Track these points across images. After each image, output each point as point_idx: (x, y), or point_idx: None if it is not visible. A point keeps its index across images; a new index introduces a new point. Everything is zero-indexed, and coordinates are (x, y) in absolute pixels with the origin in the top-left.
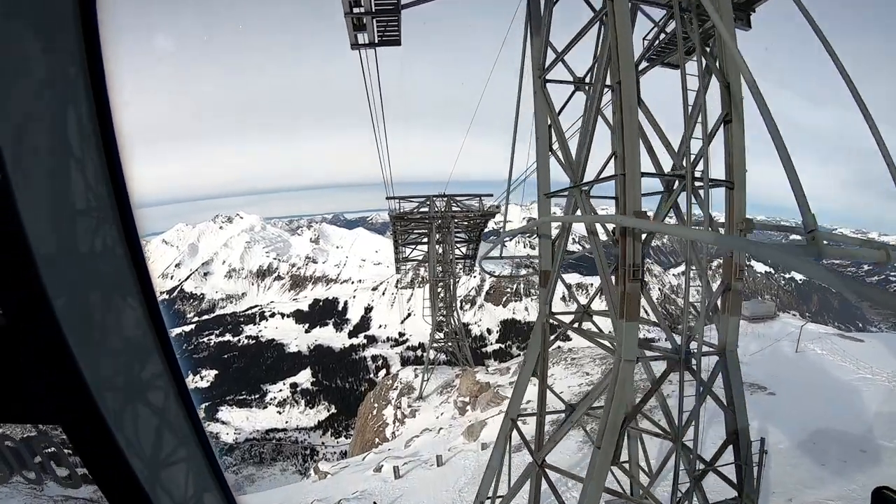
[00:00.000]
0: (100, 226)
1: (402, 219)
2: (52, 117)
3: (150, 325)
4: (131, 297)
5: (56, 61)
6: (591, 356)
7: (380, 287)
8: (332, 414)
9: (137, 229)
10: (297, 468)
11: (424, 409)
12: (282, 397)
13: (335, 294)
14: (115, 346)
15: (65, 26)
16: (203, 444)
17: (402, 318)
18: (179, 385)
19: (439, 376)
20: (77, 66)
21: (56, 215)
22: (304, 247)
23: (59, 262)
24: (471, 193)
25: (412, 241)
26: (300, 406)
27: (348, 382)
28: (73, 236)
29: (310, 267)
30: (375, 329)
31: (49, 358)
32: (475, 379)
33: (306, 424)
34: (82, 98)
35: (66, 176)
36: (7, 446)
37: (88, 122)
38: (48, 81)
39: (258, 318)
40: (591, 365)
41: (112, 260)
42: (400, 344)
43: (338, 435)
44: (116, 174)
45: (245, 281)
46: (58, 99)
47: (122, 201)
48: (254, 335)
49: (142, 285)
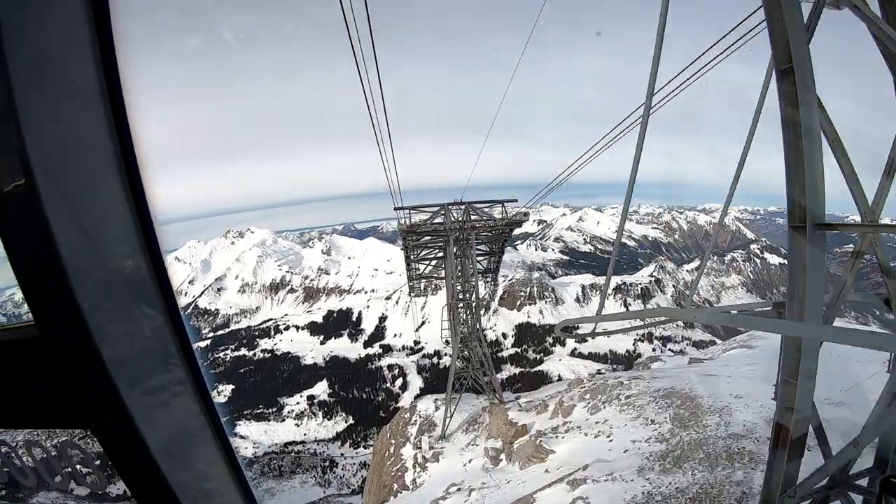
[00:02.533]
0: (124, 237)
1: (413, 232)
2: (75, 129)
3: (172, 332)
4: (154, 306)
5: (75, 71)
6: (649, 393)
7: (393, 296)
8: (350, 425)
9: (158, 239)
10: (317, 480)
11: (449, 452)
12: (299, 410)
13: (349, 304)
14: (140, 352)
15: (81, 35)
16: (225, 446)
17: (416, 327)
18: (202, 390)
19: (463, 408)
20: (94, 75)
21: (83, 226)
22: (315, 259)
23: (88, 273)
24: (492, 200)
25: (426, 256)
26: (318, 418)
27: (365, 393)
28: (99, 247)
29: (322, 278)
30: (390, 338)
31: (80, 365)
32: (507, 418)
33: (324, 436)
34: (100, 107)
35: (91, 187)
36: (39, 453)
37: (107, 131)
38: (70, 92)
39: (273, 332)
40: (653, 407)
41: (135, 269)
42: (416, 352)
43: (356, 446)
44: (136, 186)
45: (258, 295)
46: (79, 109)
47: (142, 212)
48: (269, 349)
49: (163, 294)
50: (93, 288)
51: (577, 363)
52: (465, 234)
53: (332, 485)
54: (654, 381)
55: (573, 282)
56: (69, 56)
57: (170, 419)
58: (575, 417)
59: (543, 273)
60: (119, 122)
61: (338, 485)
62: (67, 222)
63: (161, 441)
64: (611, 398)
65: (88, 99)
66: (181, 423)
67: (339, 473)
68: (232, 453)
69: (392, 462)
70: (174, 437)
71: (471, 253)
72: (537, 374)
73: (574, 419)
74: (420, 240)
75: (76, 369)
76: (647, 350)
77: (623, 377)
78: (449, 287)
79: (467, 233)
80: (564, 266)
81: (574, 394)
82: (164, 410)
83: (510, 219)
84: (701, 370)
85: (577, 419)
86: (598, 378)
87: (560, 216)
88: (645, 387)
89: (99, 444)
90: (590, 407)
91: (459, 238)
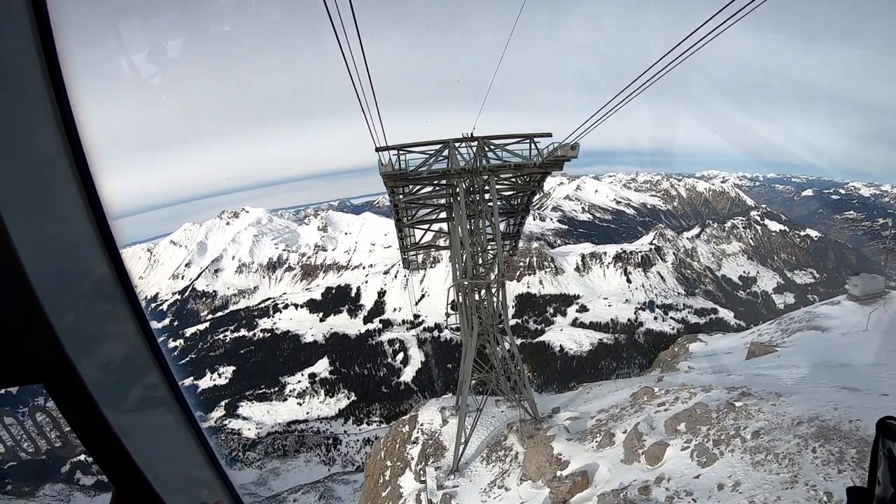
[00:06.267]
0: (69, 207)
1: (403, 179)
2: (15, 120)
3: (123, 297)
4: (100, 266)
5: (12, 61)
6: (789, 428)
7: (391, 270)
8: (352, 401)
9: (105, 207)
10: (322, 458)
11: (465, 495)
12: (301, 388)
13: (347, 281)
14: (90, 317)
15: (19, 20)
16: (183, 408)
17: (415, 300)
18: (157, 353)
19: (483, 424)
20: (36, 69)
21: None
22: (312, 235)
23: (34, 248)
24: (515, 134)
25: (424, 219)
26: (320, 396)
27: (366, 369)
28: (46, 220)
29: (320, 255)
30: (390, 313)
31: (29, 326)
32: (551, 453)
33: (327, 414)
34: (46, 101)
35: (41, 180)
36: None
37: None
38: (4, 84)
39: (272, 311)
40: (808, 458)
41: (83, 237)
42: (416, 326)
43: (359, 422)
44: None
45: (256, 275)
46: (20, 100)
47: (86, 182)
48: (268, 328)
49: (112, 257)
50: (36, 256)
51: (579, 333)
52: (480, 183)
53: (337, 462)
54: (784, 405)
55: (572, 251)
56: (8, 45)
57: (123, 378)
58: (673, 468)
59: (542, 243)
60: (65, 117)
61: (342, 462)
62: (12, 199)
63: (110, 397)
64: (727, 435)
65: (24, 79)
66: (136, 384)
67: (342, 451)
68: (190, 413)
69: (388, 494)
70: (129, 396)
71: (489, 207)
72: (539, 345)
73: (672, 471)
74: (415, 191)
75: (25, 330)
76: (649, 318)
77: (733, 396)
78: (457, 257)
79: (483, 180)
80: (563, 235)
81: (652, 416)
82: (114, 369)
83: (554, 156)
84: (818, 377)
85: (678, 471)
86: (681, 391)
87: (558, 185)
88: (775, 415)
89: (52, 397)
90: (695, 449)
91: (472, 189)
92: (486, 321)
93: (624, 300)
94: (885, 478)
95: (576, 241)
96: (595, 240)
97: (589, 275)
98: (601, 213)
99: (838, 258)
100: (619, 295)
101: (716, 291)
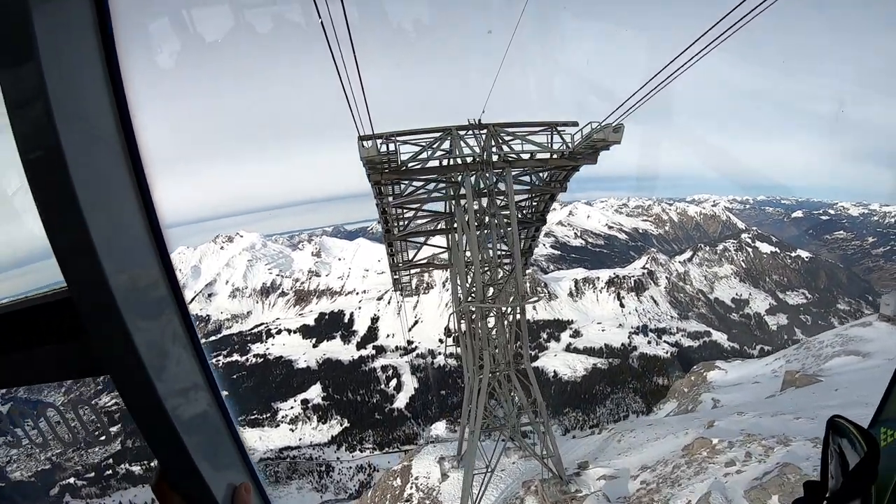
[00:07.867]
0: (132, 224)
1: (393, 170)
2: (94, 132)
3: (174, 303)
4: (157, 282)
5: (85, 77)
6: None
7: (385, 296)
8: (345, 428)
9: (161, 226)
10: (314, 485)
11: None
12: (293, 414)
13: (340, 306)
14: (149, 317)
15: (86, 39)
16: (218, 402)
17: (409, 326)
18: (199, 355)
19: (495, 482)
20: (100, 76)
21: (108, 211)
22: (306, 261)
23: (110, 248)
24: (533, 122)
25: (417, 231)
26: (312, 422)
27: (359, 395)
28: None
29: (313, 281)
30: (383, 339)
31: (103, 322)
32: None
33: (320, 440)
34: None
35: (106, 180)
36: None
37: (117, 136)
38: (84, 96)
39: (265, 336)
40: None
41: (142, 249)
42: (409, 352)
43: (352, 449)
44: (143, 186)
45: (249, 299)
46: (90, 110)
47: (146, 201)
48: (261, 353)
49: (163, 260)
50: (113, 259)
51: (574, 358)
52: (493, 183)
53: (329, 489)
54: None
55: (565, 276)
56: (80, 63)
57: (173, 370)
58: None
59: (535, 268)
60: (126, 127)
61: (334, 489)
62: (95, 209)
63: (168, 388)
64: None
65: (99, 104)
66: (183, 375)
67: (335, 478)
68: (222, 401)
69: None
70: (177, 386)
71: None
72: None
73: None
74: (407, 193)
75: (100, 326)
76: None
77: None
78: (459, 276)
79: (496, 174)
80: (556, 261)
81: (722, 481)
82: (170, 362)
83: (593, 140)
84: None
85: None
86: (748, 442)
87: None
88: None
89: (117, 388)
90: None
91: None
92: (497, 356)
93: (617, 325)
94: (836, 472)
95: (569, 267)
96: (588, 265)
97: (582, 300)
98: (593, 238)
99: (829, 278)
100: (612, 319)
101: (709, 314)
